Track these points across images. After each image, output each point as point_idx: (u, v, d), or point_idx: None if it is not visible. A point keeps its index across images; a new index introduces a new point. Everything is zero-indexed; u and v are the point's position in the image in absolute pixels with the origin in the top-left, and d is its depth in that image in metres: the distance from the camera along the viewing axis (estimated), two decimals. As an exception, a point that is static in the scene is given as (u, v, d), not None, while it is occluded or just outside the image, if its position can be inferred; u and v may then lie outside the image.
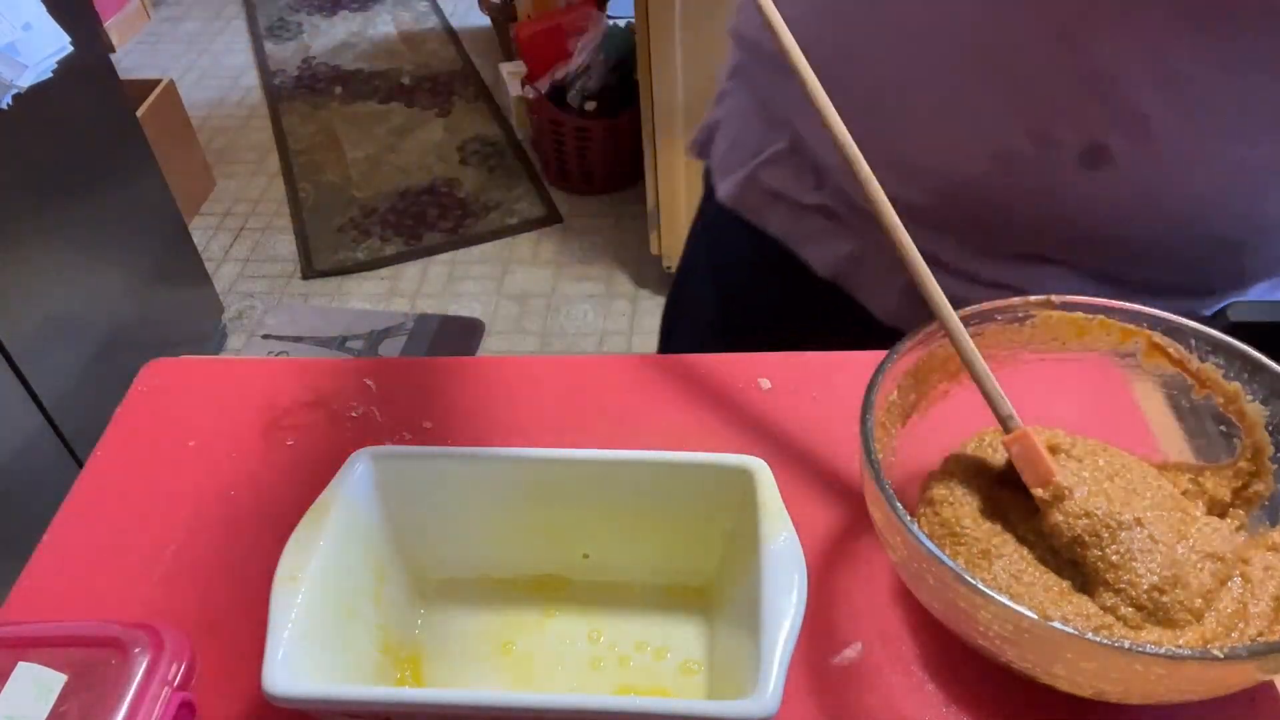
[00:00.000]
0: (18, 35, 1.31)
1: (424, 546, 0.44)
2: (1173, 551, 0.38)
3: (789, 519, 0.39)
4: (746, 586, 0.38)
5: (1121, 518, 0.38)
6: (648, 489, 0.42)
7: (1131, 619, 0.37)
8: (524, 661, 0.43)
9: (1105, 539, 0.38)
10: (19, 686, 0.37)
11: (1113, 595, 0.37)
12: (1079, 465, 0.41)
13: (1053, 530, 0.39)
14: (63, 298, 1.51)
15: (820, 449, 0.51)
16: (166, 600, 0.46)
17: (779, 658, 0.34)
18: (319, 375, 0.57)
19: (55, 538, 0.48)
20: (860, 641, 0.43)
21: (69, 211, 1.52)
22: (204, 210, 2.41)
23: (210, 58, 3.10)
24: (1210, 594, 0.38)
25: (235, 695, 0.42)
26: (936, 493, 0.43)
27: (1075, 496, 0.39)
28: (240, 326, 2.07)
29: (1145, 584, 0.37)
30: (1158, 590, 0.37)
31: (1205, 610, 0.37)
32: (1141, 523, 0.38)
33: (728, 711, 0.33)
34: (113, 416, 0.55)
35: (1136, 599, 0.37)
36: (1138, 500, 0.39)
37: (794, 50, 0.40)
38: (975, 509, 0.42)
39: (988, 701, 0.41)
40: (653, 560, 0.44)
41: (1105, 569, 0.38)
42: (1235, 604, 0.38)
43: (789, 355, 0.56)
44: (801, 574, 0.36)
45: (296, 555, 0.38)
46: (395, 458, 0.42)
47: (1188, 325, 0.43)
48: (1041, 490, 0.39)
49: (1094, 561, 0.38)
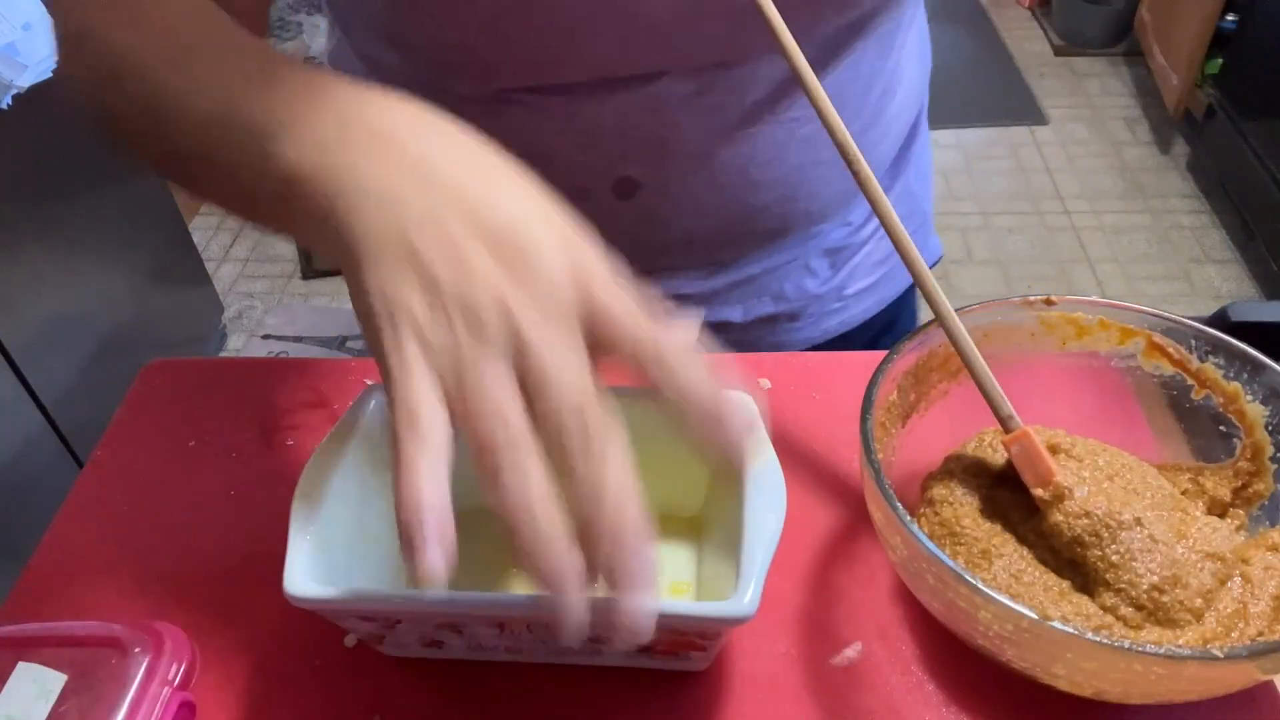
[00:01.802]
0: (18, 35, 1.31)
1: None
2: (1173, 551, 0.38)
3: (771, 445, 0.40)
4: (731, 511, 0.39)
5: (1121, 517, 0.38)
6: (638, 424, 0.44)
7: (1132, 619, 0.37)
8: (525, 582, 0.45)
9: (1105, 539, 0.38)
10: (19, 686, 0.37)
11: (1113, 595, 0.37)
12: (1079, 465, 0.41)
13: (1053, 530, 0.39)
14: (63, 298, 1.51)
15: (820, 449, 0.51)
16: (166, 600, 0.46)
17: (758, 564, 0.36)
18: (319, 375, 0.57)
19: (55, 538, 0.48)
20: (860, 641, 0.43)
21: (69, 211, 1.52)
22: (204, 210, 2.41)
23: (210, 58, 3.10)
24: (1210, 594, 0.38)
25: (235, 695, 0.42)
26: (936, 493, 0.43)
27: (1075, 496, 0.39)
28: (240, 326, 2.07)
29: (1145, 584, 0.37)
30: (1158, 590, 0.37)
31: (1205, 610, 0.37)
32: (1141, 523, 0.38)
33: (711, 611, 0.35)
34: (113, 416, 0.55)
35: (1136, 599, 0.37)
36: (1138, 500, 0.39)
37: (794, 48, 0.40)
38: (975, 509, 0.42)
39: (988, 701, 0.41)
40: (646, 492, 0.46)
41: (1105, 569, 0.38)
42: (1235, 604, 0.38)
43: (789, 355, 0.56)
44: (781, 495, 0.38)
45: (314, 476, 0.40)
46: None
47: (1188, 325, 0.43)
48: (1042, 490, 0.39)
49: (1094, 561, 0.38)
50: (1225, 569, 0.38)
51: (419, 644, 0.41)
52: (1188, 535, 0.39)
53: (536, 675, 0.42)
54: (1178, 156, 2.41)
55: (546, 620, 0.37)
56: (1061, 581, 0.39)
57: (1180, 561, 0.38)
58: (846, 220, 0.65)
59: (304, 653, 0.43)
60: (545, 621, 0.38)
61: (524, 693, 0.42)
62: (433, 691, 0.42)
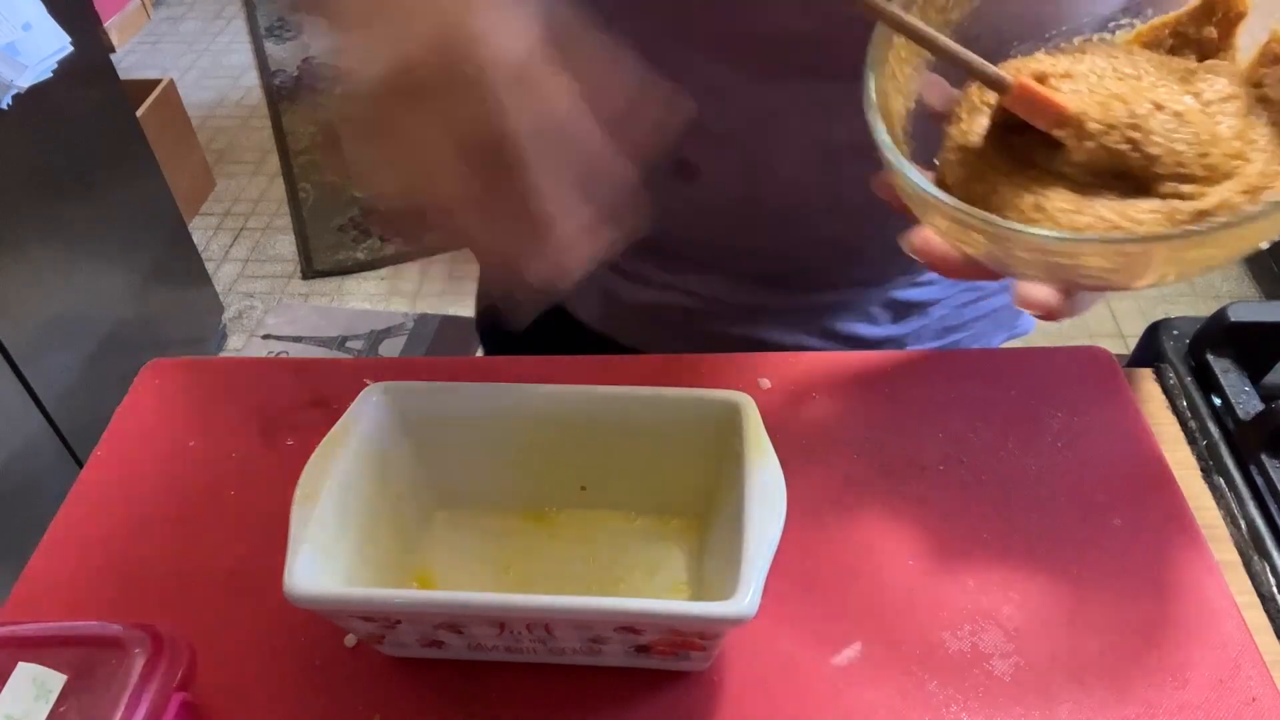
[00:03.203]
0: (18, 35, 1.31)
1: (433, 475, 0.47)
2: (1198, 114, 0.37)
3: (772, 448, 0.40)
4: (732, 514, 0.39)
5: (1139, 111, 0.37)
6: (641, 423, 0.45)
7: (1193, 193, 0.36)
8: (525, 584, 0.46)
9: (1139, 140, 0.37)
10: (19, 686, 0.37)
11: (1169, 183, 0.37)
12: (1074, 82, 0.39)
13: (1089, 157, 0.38)
14: (63, 298, 1.51)
15: (820, 449, 0.51)
16: (166, 600, 0.46)
17: (759, 565, 0.36)
18: (319, 375, 0.56)
19: (55, 538, 0.48)
20: (860, 641, 0.43)
21: (69, 211, 1.52)
22: (204, 210, 2.41)
23: (210, 57, 3.10)
24: (1243, 133, 0.37)
25: (235, 695, 0.42)
26: (953, 175, 0.40)
27: (1094, 118, 0.37)
28: (240, 326, 2.07)
29: (1192, 155, 0.36)
30: (1202, 155, 0.36)
31: (1246, 149, 0.37)
32: (1160, 105, 0.37)
33: (711, 611, 0.35)
34: (113, 416, 0.55)
35: (1191, 174, 0.36)
36: (1142, 84, 0.38)
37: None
38: (1003, 171, 0.40)
39: (988, 702, 0.41)
40: (646, 492, 0.47)
41: (1150, 163, 0.37)
42: (1270, 129, 0.37)
43: (789, 355, 0.56)
44: (782, 497, 0.38)
45: (314, 477, 0.40)
46: (405, 392, 0.45)
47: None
48: (1060, 131, 0.38)
49: (1137, 164, 0.37)
50: (1245, 101, 0.38)
51: (419, 644, 0.41)
52: (1199, 91, 0.38)
53: (536, 675, 0.42)
54: (1178, 156, 2.41)
55: (546, 620, 0.38)
56: (1114, 195, 0.38)
57: (1208, 118, 0.37)
58: (925, 278, 0.63)
59: (304, 653, 0.43)
60: (545, 622, 0.38)
61: (524, 693, 0.42)
62: (433, 691, 0.42)
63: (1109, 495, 0.48)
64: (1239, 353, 0.55)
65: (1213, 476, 0.51)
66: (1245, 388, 0.53)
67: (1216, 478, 0.50)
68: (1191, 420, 0.53)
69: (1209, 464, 0.51)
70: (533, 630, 0.39)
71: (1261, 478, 0.49)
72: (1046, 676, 0.41)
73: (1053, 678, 0.41)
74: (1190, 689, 0.41)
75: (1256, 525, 0.47)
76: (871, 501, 0.49)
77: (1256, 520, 0.48)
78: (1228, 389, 0.53)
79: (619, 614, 0.36)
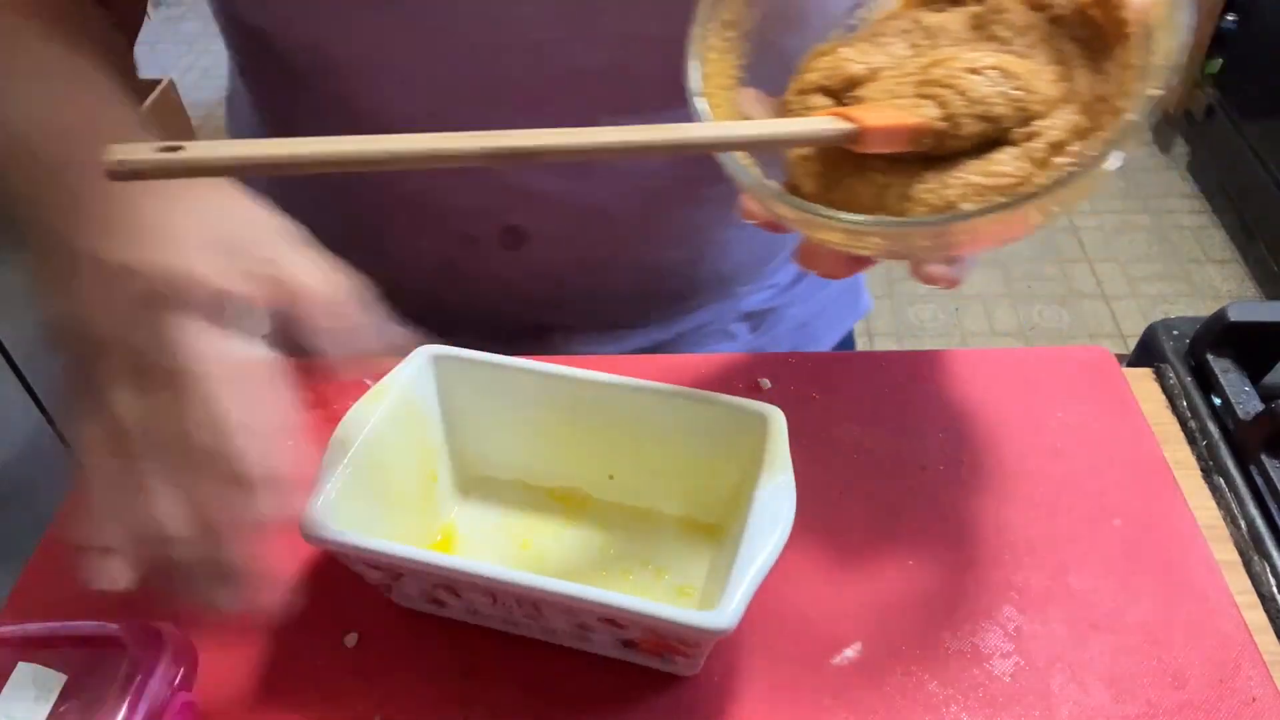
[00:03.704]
0: (18, 35, 1.31)
1: (467, 444, 0.48)
2: (1014, 61, 0.37)
3: (790, 466, 0.40)
4: (743, 524, 0.39)
5: (965, 85, 0.36)
6: (672, 421, 0.45)
7: (1040, 129, 0.36)
8: (538, 560, 0.47)
9: (983, 111, 0.36)
10: (19, 686, 0.37)
11: (1017, 130, 0.37)
12: (895, 80, 0.38)
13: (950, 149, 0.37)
14: (63, 298, 1.51)
15: (819, 449, 0.51)
16: (166, 600, 0.45)
17: (748, 579, 0.36)
18: (319, 375, 0.56)
19: (55, 538, 0.48)
20: (860, 641, 0.43)
21: (69, 211, 1.52)
22: (204, 210, 2.41)
23: (210, 58, 3.10)
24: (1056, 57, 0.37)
25: (235, 695, 0.42)
26: (809, 189, 0.39)
27: (937, 116, 0.36)
28: (240, 326, 2.07)
29: (1026, 98, 0.36)
30: (1033, 92, 0.36)
31: (1068, 70, 0.37)
32: (977, 70, 0.36)
33: (686, 618, 0.35)
34: (113, 416, 0.55)
35: (1031, 114, 0.36)
36: (946, 52, 0.38)
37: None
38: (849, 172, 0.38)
39: (988, 702, 0.41)
40: (671, 491, 0.47)
41: (997, 122, 0.36)
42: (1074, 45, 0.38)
43: (789, 355, 0.56)
44: (788, 520, 0.38)
45: (350, 426, 0.42)
46: (451, 359, 0.46)
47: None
48: (919, 143, 0.37)
49: (989, 129, 0.36)
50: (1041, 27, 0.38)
51: (423, 599, 0.43)
52: (1002, 37, 0.38)
53: (537, 676, 0.42)
54: (1178, 156, 2.41)
55: (534, 599, 0.38)
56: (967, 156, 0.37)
57: (1024, 59, 0.37)
58: (770, 283, 0.63)
59: (304, 653, 0.43)
60: (533, 599, 0.38)
61: (524, 695, 0.42)
62: (433, 691, 0.42)
63: (1109, 495, 0.48)
64: (1239, 353, 0.55)
65: (1213, 476, 0.51)
66: (1245, 388, 0.53)
67: (1216, 478, 0.50)
68: (1191, 420, 0.53)
69: (1209, 464, 0.51)
70: (522, 606, 0.40)
71: (1261, 478, 0.49)
72: (1046, 676, 0.41)
73: (1053, 678, 0.41)
74: (1190, 689, 0.41)
75: (1256, 525, 0.47)
76: (871, 502, 0.49)
77: (1256, 520, 0.48)
78: (1227, 389, 0.53)
79: (598, 605, 0.36)
